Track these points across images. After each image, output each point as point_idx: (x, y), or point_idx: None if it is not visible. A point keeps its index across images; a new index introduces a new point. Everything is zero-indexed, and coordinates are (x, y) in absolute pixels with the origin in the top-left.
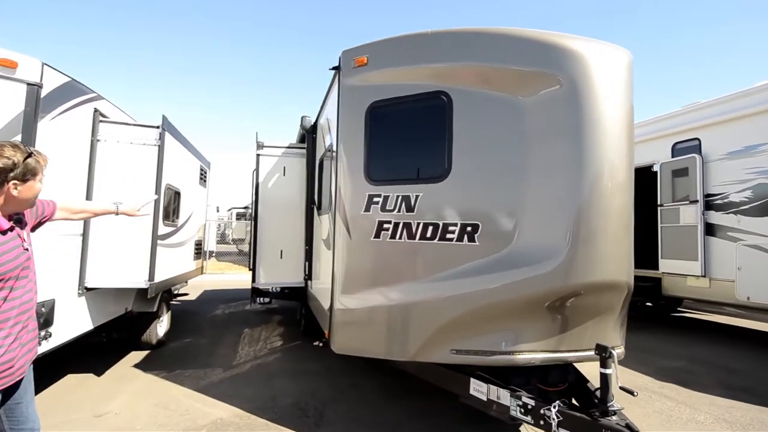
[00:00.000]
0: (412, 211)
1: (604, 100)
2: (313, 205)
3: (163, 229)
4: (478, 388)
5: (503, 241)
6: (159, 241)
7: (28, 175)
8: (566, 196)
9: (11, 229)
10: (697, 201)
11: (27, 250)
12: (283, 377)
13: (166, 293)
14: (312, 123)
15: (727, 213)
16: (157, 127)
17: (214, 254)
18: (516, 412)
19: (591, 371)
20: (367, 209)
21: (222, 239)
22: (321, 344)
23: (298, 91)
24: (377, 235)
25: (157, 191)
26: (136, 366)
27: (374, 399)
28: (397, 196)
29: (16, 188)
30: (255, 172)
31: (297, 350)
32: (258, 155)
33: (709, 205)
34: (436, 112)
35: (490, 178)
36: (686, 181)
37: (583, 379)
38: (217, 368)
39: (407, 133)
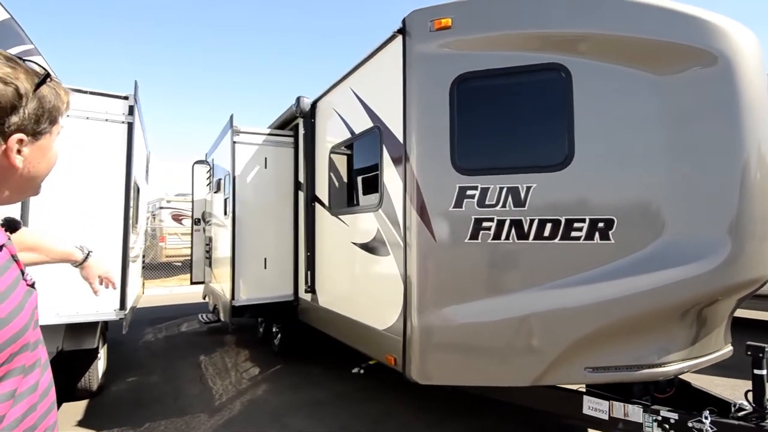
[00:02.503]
0: (523, 206)
1: (755, 81)
2: (314, 202)
3: (131, 240)
4: (596, 406)
5: (646, 238)
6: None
7: (43, 122)
8: (727, 183)
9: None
10: None
11: (33, 287)
12: (292, 414)
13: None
14: (310, 105)
15: None
16: (126, 98)
17: None
18: (653, 429)
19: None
20: (459, 205)
21: None
22: (362, 371)
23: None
24: (474, 236)
25: (127, 187)
26: (83, 425)
27: (419, 427)
28: (500, 189)
29: (20, 153)
30: (231, 164)
31: (285, 376)
32: (234, 143)
33: None
34: (550, 89)
35: (624, 165)
36: None
37: (684, 382)
38: (198, 413)
39: (510, 113)
